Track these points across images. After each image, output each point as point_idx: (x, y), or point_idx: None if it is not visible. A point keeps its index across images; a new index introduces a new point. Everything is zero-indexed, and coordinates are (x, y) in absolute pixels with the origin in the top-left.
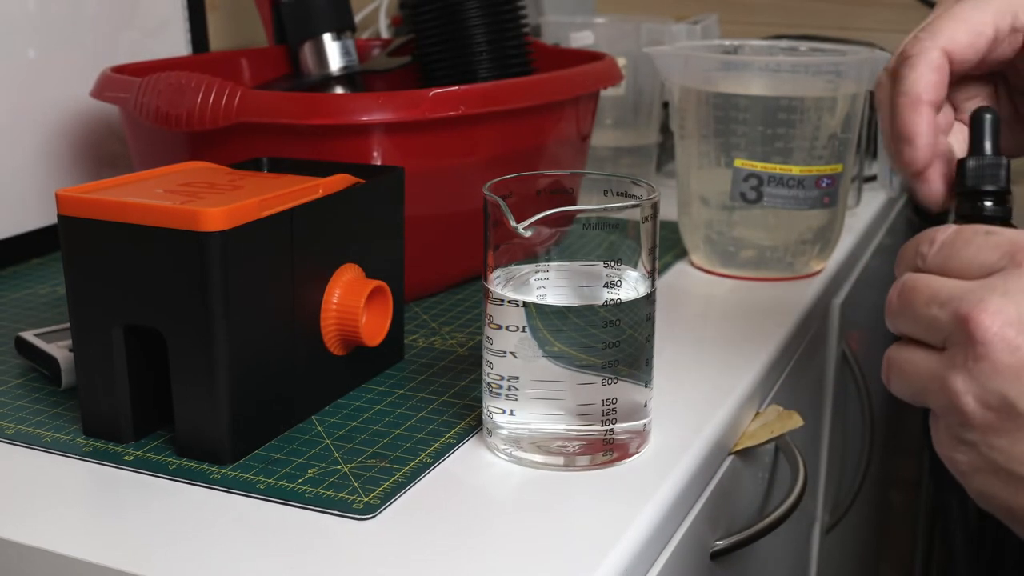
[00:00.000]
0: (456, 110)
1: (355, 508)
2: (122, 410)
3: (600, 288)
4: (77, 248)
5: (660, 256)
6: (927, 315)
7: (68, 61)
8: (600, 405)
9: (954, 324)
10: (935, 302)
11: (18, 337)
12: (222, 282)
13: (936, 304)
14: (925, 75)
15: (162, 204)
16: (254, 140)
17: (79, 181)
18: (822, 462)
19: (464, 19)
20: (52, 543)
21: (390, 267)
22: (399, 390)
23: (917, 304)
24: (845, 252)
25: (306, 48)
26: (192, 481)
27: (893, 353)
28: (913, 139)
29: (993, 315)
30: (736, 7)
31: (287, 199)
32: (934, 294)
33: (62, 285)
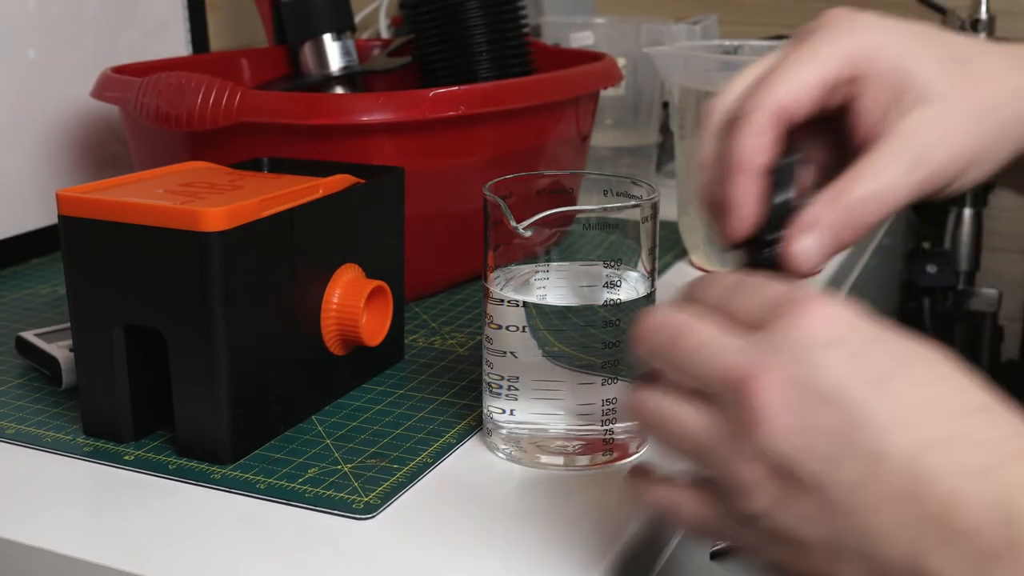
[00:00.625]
0: (456, 110)
1: (355, 508)
2: (122, 410)
3: (600, 288)
4: (77, 248)
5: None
6: (694, 365)
7: (68, 61)
8: (600, 405)
9: (727, 384)
10: (704, 352)
11: (18, 337)
12: (222, 282)
13: (705, 355)
14: (751, 142)
15: (162, 204)
16: (254, 140)
17: (79, 181)
18: None
19: (464, 19)
20: (52, 543)
21: (390, 267)
22: (399, 390)
23: (684, 351)
24: (844, 252)
25: (306, 48)
26: (192, 481)
27: (652, 403)
28: (733, 209)
29: (769, 377)
30: (736, 7)
31: (287, 199)
32: (703, 343)
33: (62, 285)
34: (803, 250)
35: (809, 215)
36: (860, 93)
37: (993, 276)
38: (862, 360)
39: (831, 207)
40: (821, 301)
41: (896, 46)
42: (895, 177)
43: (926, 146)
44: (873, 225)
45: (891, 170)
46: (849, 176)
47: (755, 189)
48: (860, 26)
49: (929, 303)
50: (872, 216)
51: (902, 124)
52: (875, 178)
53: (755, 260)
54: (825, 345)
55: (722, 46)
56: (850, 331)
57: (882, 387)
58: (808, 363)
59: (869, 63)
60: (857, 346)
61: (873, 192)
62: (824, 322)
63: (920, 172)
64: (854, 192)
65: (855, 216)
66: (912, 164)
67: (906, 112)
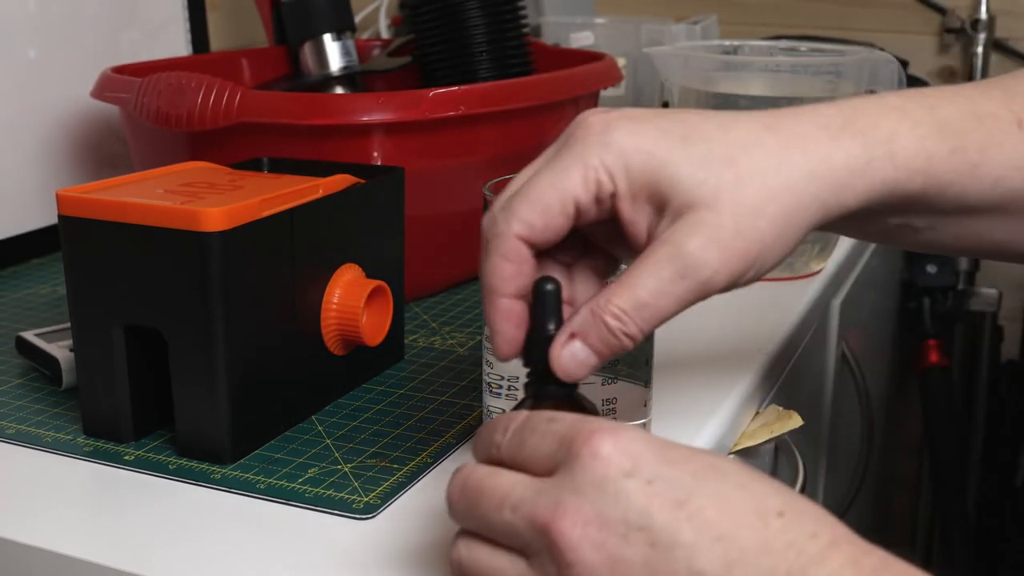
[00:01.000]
0: (456, 110)
1: (355, 508)
2: (122, 410)
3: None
4: (77, 248)
5: None
6: (500, 520)
7: (68, 61)
8: (600, 405)
9: (533, 532)
10: (506, 506)
11: (18, 337)
12: (222, 282)
13: (508, 508)
14: (500, 268)
15: (162, 204)
16: (254, 140)
17: (79, 181)
18: (821, 462)
19: (464, 19)
20: (52, 543)
21: (390, 267)
22: (399, 390)
23: (488, 508)
24: (844, 252)
25: (306, 48)
26: (192, 481)
27: (468, 557)
28: (494, 334)
29: (572, 518)
30: (736, 7)
31: (287, 199)
32: (504, 497)
33: (62, 285)
34: (566, 362)
35: (572, 325)
36: (621, 208)
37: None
38: (659, 484)
39: (593, 319)
40: (608, 433)
41: (654, 155)
42: (659, 287)
43: (696, 255)
44: (645, 332)
45: (655, 281)
46: (612, 287)
47: (513, 313)
48: (614, 139)
49: (929, 303)
50: (635, 326)
51: (670, 232)
52: (637, 288)
53: (538, 392)
54: (621, 477)
55: (722, 46)
56: (642, 458)
57: (683, 508)
58: (609, 497)
59: (625, 179)
60: (652, 471)
61: (636, 303)
62: (616, 454)
63: (690, 281)
64: (616, 302)
65: (619, 325)
66: (679, 274)
67: (673, 219)
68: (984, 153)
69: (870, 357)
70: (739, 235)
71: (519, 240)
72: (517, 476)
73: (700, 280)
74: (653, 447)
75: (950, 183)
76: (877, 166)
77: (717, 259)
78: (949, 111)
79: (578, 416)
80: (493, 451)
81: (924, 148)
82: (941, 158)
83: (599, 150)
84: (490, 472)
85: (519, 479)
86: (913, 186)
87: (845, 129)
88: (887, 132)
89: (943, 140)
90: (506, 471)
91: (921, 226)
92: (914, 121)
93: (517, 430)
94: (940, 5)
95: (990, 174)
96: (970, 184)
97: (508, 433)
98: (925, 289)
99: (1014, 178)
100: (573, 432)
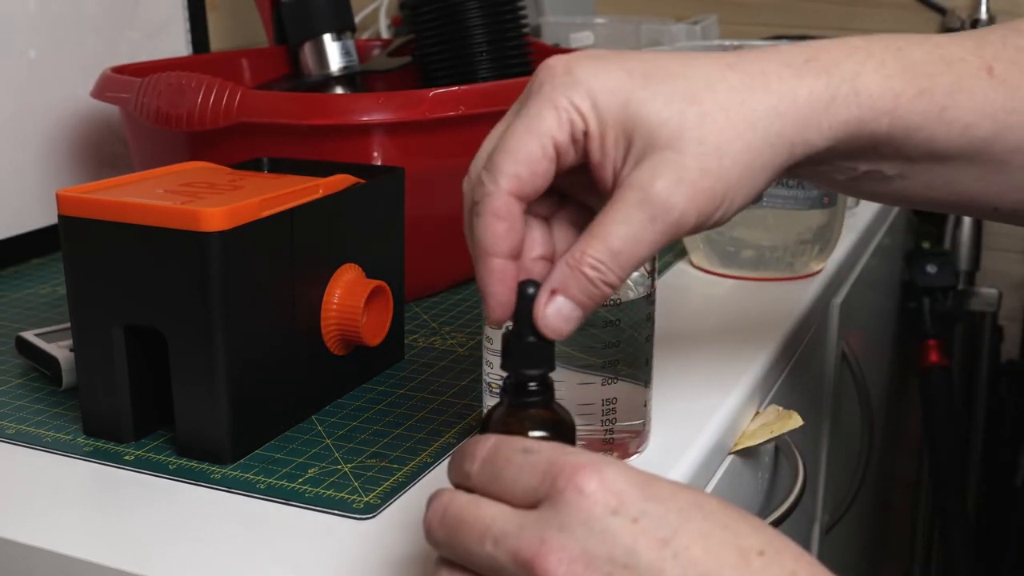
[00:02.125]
0: (456, 110)
1: (355, 508)
2: (122, 410)
3: None
4: (77, 248)
5: (660, 256)
6: (482, 554)
7: (69, 61)
8: (600, 405)
9: (517, 567)
10: (488, 538)
11: (18, 337)
12: (222, 282)
13: (490, 541)
14: (492, 227)
15: (162, 204)
16: (254, 140)
17: (79, 181)
18: (822, 462)
19: (464, 19)
20: (53, 543)
21: (390, 267)
22: (399, 390)
23: (469, 541)
24: (844, 252)
25: (306, 48)
26: (192, 481)
27: None
28: (486, 297)
29: (558, 555)
30: (736, 7)
31: (287, 199)
32: (485, 529)
33: (63, 285)
34: (552, 319)
35: (552, 282)
36: (591, 147)
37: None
38: (645, 522)
39: (571, 272)
40: (593, 467)
41: (618, 93)
42: (631, 233)
43: (663, 196)
44: (624, 278)
45: (626, 227)
46: (586, 237)
47: (506, 274)
48: (579, 78)
49: (929, 303)
50: (614, 274)
51: (635, 175)
52: (610, 238)
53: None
54: (607, 514)
55: (722, 46)
56: (627, 494)
57: (668, 546)
58: (595, 535)
59: (594, 116)
60: (638, 508)
61: (610, 252)
62: (601, 491)
63: (660, 223)
64: (591, 253)
65: (598, 275)
66: (649, 217)
67: (639, 161)
68: (952, 97)
69: (870, 357)
70: (704, 174)
71: (510, 196)
72: (499, 508)
73: (669, 222)
74: (637, 484)
75: (918, 126)
76: (841, 104)
77: (684, 200)
78: (916, 54)
79: (554, 446)
80: (464, 480)
81: (891, 88)
82: (908, 99)
83: (566, 90)
84: (471, 501)
85: (501, 511)
86: (879, 127)
87: (808, 66)
88: (851, 71)
89: (909, 81)
90: (487, 501)
91: (891, 174)
92: (879, 61)
93: (487, 460)
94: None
95: (959, 120)
96: (938, 129)
97: (477, 462)
98: (925, 289)
99: (983, 126)
100: (556, 468)
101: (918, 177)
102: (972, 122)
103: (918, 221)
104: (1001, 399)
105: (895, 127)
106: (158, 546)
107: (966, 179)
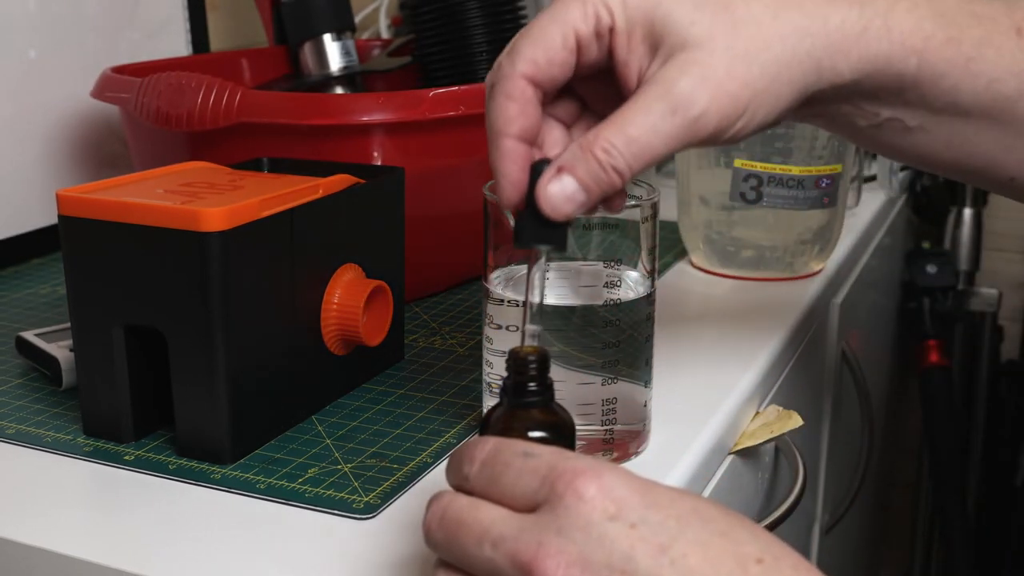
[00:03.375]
0: (456, 110)
1: (355, 508)
2: (123, 410)
3: (600, 288)
4: (78, 248)
5: (660, 256)
6: (480, 556)
7: (69, 61)
8: (600, 405)
9: (515, 570)
10: (487, 541)
11: (18, 337)
12: (222, 282)
13: (488, 544)
14: (505, 108)
15: (163, 204)
16: (254, 140)
17: (79, 181)
18: (822, 462)
19: (464, 19)
20: (53, 543)
21: (390, 267)
22: (399, 390)
23: (467, 543)
24: (844, 252)
25: (306, 48)
26: (192, 481)
27: None
28: (498, 177)
29: (556, 558)
30: None
31: (287, 199)
32: (484, 531)
33: (63, 285)
34: (553, 195)
35: (560, 160)
36: (617, 44)
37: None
38: (643, 529)
39: (581, 152)
40: (593, 472)
41: None
42: (648, 123)
43: (686, 92)
44: (634, 170)
45: (644, 116)
46: (602, 124)
47: (517, 154)
48: None
49: (929, 303)
50: (624, 161)
51: (661, 72)
52: (626, 124)
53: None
54: (606, 520)
55: None
56: (626, 500)
57: (666, 553)
58: (593, 540)
59: (623, 13)
60: (637, 515)
61: (625, 138)
62: (600, 497)
63: (680, 118)
64: (605, 135)
65: (607, 158)
66: (669, 110)
67: (665, 59)
68: (979, 50)
69: (870, 357)
70: (730, 77)
71: (524, 79)
72: (498, 511)
73: (690, 117)
74: (637, 490)
75: (943, 73)
76: (872, 37)
77: (707, 98)
78: (948, 3)
79: (554, 451)
80: (463, 482)
81: (921, 28)
82: (937, 43)
83: None
84: (470, 504)
85: (500, 514)
86: (907, 67)
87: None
88: (884, 5)
89: (940, 26)
90: (485, 504)
91: (913, 125)
92: (912, 2)
93: (487, 462)
94: None
95: (984, 74)
96: (963, 80)
97: (476, 464)
98: (925, 289)
99: (1008, 83)
100: (555, 473)
101: (939, 132)
102: (998, 77)
103: (918, 221)
104: (1001, 399)
105: (922, 70)
106: (158, 546)
107: (987, 140)
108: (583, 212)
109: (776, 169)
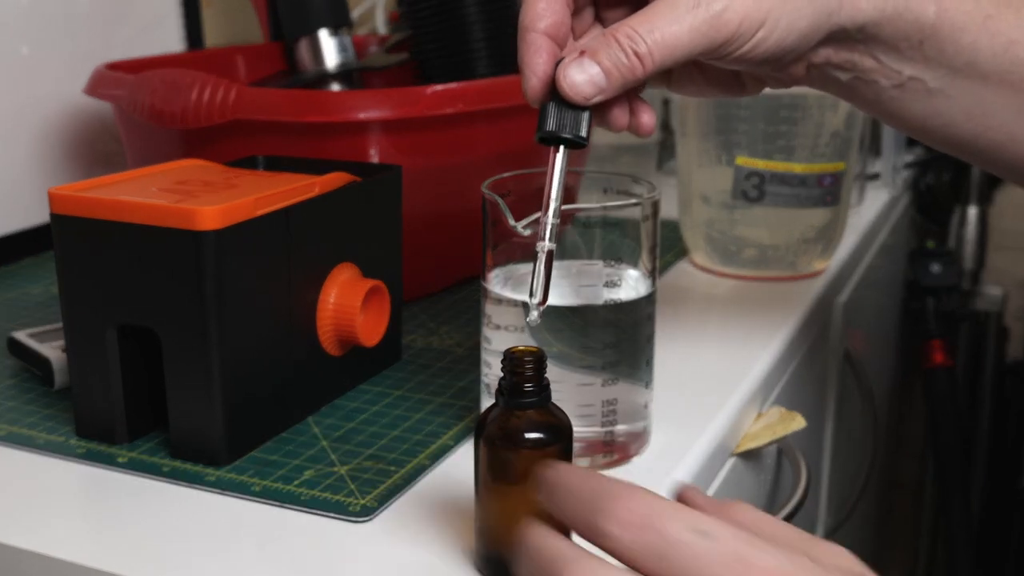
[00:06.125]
0: (454, 107)
1: (352, 510)
2: (116, 411)
3: (600, 288)
4: (70, 247)
5: (661, 255)
6: None
7: (62, 58)
8: (600, 406)
9: None
10: None
11: (10, 337)
12: (217, 281)
13: None
14: (534, 4)
15: (157, 203)
16: (250, 138)
17: (72, 179)
18: (825, 464)
19: (462, 15)
20: (45, 546)
21: (388, 266)
22: (396, 391)
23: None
24: (848, 251)
25: (302, 44)
26: (187, 483)
27: None
28: (524, 70)
29: None
30: None
31: (283, 197)
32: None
33: (55, 284)
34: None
35: (584, 45)
36: None
37: (998, 275)
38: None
39: (604, 38)
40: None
41: None
42: (677, 14)
43: None
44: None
45: (671, 9)
46: (630, 17)
47: (541, 47)
48: None
49: (933, 303)
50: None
51: None
52: (650, 13)
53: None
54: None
55: None
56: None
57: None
58: None
59: None
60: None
61: (648, 26)
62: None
63: (703, 11)
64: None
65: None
66: (693, 2)
67: None
68: (999, 9)
69: (874, 357)
70: None
71: None
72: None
73: (713, 11)
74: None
75: (962, 27)
76: None
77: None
78: None
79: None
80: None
81: None
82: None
83: None
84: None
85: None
86: (926, 14)
87: None
88: None
89: None
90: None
91: (934, 86)
92: None
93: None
94: None
95: (1002, 33)
96: (982, 37)
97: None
98: (929, 289)
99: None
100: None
101: (960, 99)
102: (1017, 39)
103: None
104: (1006, 400)
105: (941, 19)
106: (151, 549)
107: (1008, 111)
108: (603, 98)
109: (778, 167)
